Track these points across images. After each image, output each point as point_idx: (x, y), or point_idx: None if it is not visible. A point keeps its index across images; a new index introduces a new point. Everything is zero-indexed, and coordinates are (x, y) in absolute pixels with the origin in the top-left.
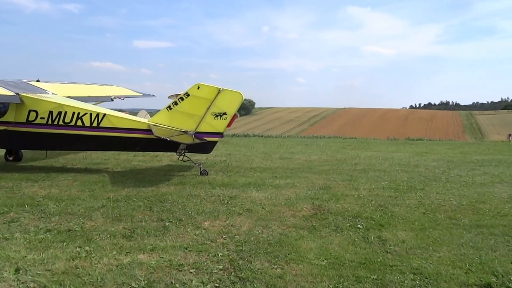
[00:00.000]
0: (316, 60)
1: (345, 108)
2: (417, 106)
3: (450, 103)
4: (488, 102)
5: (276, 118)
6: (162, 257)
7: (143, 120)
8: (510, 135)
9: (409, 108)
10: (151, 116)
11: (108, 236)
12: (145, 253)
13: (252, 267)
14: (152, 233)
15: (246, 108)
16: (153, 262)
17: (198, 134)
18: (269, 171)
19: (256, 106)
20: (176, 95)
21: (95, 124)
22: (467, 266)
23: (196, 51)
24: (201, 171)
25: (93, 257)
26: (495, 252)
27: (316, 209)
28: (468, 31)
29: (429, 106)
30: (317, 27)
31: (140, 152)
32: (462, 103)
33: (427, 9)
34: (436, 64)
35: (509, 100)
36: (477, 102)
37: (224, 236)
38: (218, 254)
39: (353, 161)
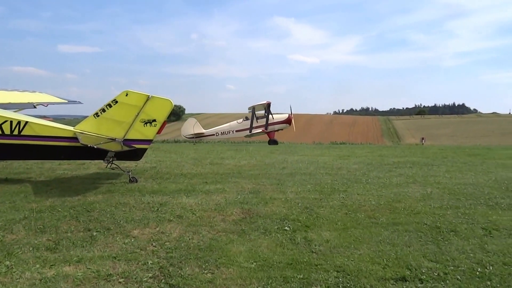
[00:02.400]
0: (244, 67)
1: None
2: (340, 111)
3: (370, 109)
4: (403, 108)
5: (207, 124)
6: (89, 268)
7: (68, 127)
8: (422, 138)
9: (333, 114)
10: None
11: (31, 249)
12: (71, 265)
13: (182, 273)
14: (78, 244)
15: (176, 114)
16: (79, 274)
17: (127, 142)
18: (199, 177)
19: (186, 112)
20: (262, 104)
21: (16, 132)
22: (385, 261)
23: (125, 56)
24: (130, 179)
25: (14, 271)
26: (409, 247)
27: (246, 213)
28: (384, 42)
29: (351, 111)
30: (245, 36)
31: (65, 161)
32: (380, 109)
33: (346, 22)
34: (357, 72)
35: (422, 106)
36: (394, 108)
37: (154, 244)
38: (148, 262)
39: (281, 165)
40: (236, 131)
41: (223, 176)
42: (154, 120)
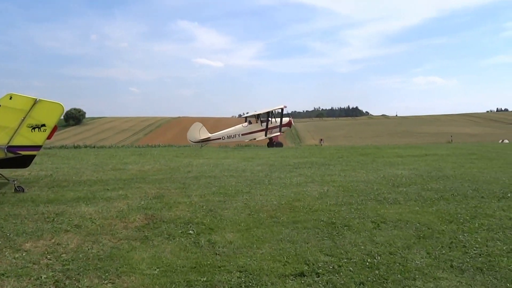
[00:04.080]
0: (149, 70)
1: (179, 117)
2: (245, 114)
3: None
4: (304, 111)
5: (109, 128)
6: None
7: None
8: (321, 139)
9: (238, 117)
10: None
11: None
12: None
13: (80, 286)
14: None
15: (76, 118)
16: None
17: (11, 148)
18: (100, 184)
19: (87, 115)
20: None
21: None
22: (285, 259)
23: (16, 56)
24: (16, 188)
25: None
26: (307, 243)
27: (149, 219)
28: (285, 48)
29: None
30: (149, 38)
31: None
32: (284, 112)
33: (249, 28)
34: (260, 76)
35: (320, 109)
36: (295, 111)
37: (48, 256)
38: (41, 277)
39: (186, 169)
40: (242, 134)
41: (126, 182)
42: (43, 125)
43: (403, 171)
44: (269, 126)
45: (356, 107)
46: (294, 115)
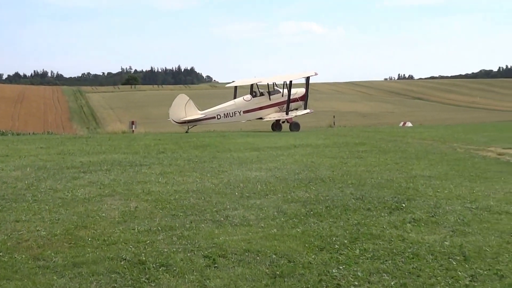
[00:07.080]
0: None
1: None
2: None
3: (50, 74)
4: (104, 73)
5: None
6: None
7: None
8: (133, 122)
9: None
10: None
11: None
12: None
13: None
14: None
15: None
16: None
17: None
18: None
19: None
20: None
21: None
22: None
23: None
24: None
25: None
26: None
27: None
28: None
29: (16, 78)
30: None
31: None
32: (66, 74)
33: None
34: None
35: (132, 71)
36: (89, 74)
37: None
38: None
39: None
40: (244, 112)
41: None
42: None
43: (259, 173)
44: (282, 100)
45: (192, 69)
46: (87, 79)
